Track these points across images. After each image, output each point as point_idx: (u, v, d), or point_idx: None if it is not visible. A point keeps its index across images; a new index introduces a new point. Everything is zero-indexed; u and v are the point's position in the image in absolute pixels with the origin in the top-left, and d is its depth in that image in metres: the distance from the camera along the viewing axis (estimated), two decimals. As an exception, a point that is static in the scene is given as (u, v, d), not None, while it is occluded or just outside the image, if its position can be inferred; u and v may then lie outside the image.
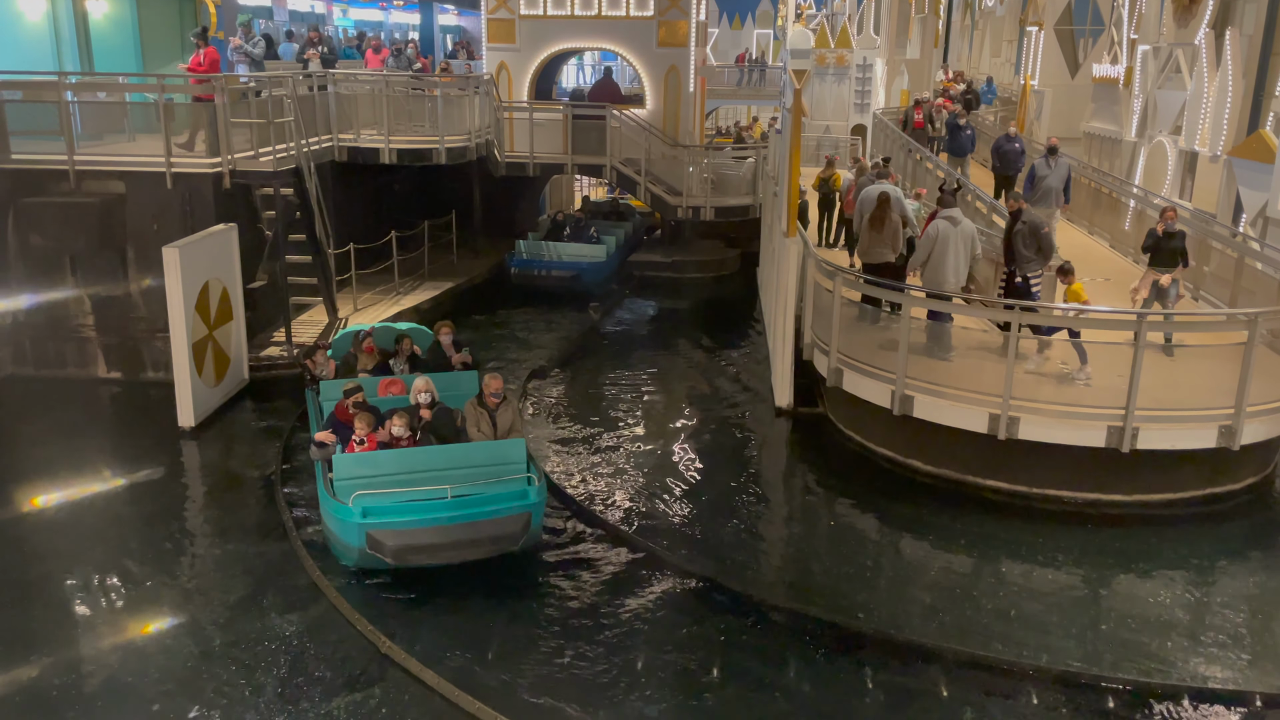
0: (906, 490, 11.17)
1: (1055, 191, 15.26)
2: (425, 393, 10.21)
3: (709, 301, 20.99)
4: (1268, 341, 11.05)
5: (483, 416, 10.00)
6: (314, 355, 12.19)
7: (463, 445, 9.80)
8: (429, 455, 9.58)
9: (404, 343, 12.00)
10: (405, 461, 9.47)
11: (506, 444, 9.87)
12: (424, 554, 9.03)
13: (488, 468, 9.60)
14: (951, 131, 20.28)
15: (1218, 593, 9.38)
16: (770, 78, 35.95)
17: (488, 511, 9.11)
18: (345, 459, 9.44)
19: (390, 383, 11.12)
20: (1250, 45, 18.11)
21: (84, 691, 7.76)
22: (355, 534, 8.91)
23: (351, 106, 18.50)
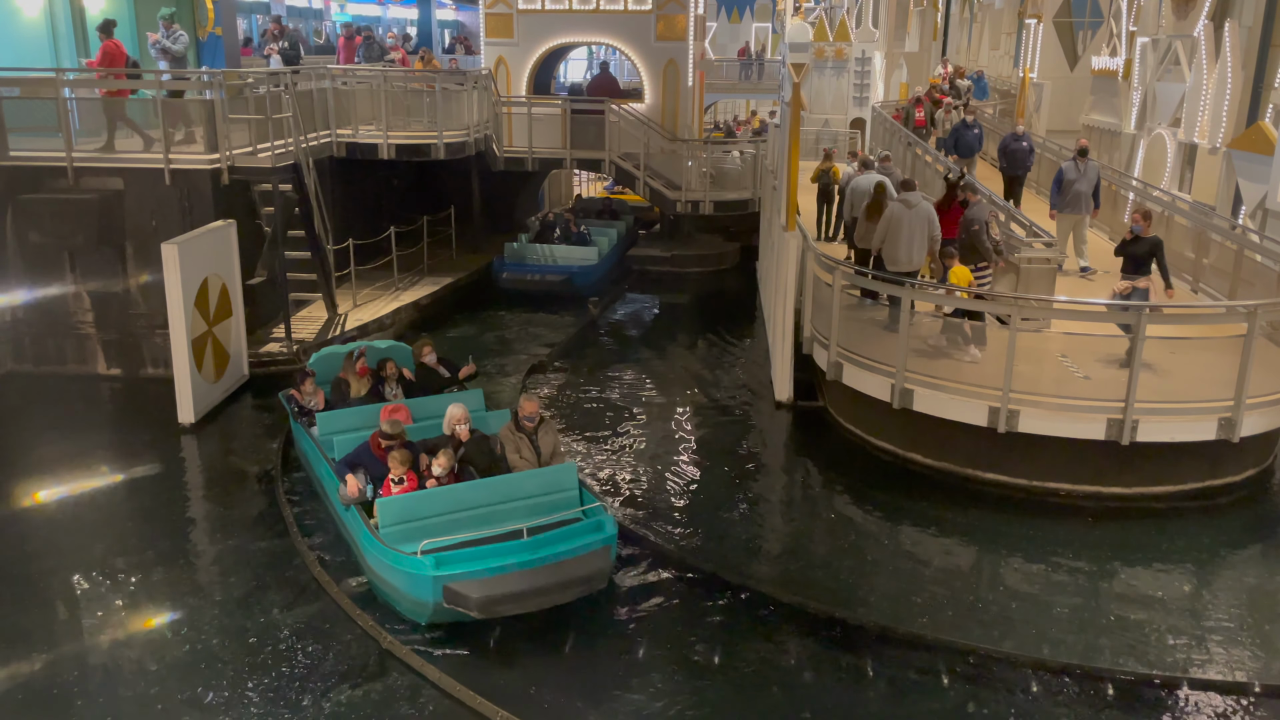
0: (906, 483, 11.18)
1: (1085, 197, 14.34)
2: (465, 423, 9.48)
3: (708, 295, 20.99)
4: (1267, 334, 11.04)
5: (522, 441, 9.38)
6: (303, 385, 11.38)
7: (512, 476, 9.12)
8: (479, 491, 8.91)
9: (389, 365, 11.37)
10: (455, 500, 8.80)
11: (558, 471, 9.29)
12: (511, 603, 8.09)
13: (541, 498, 9.03)
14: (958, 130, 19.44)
15: (1217, 585, 9.40)
16: (769, 71, 35.89)
17: (571, 550, 8.35)
18: (392, 504, 8.65)
19: (394, 409, 10.34)
20: (1249, 37, 18.08)
21: (84, 688, 7.76)
22: (429, 588, 8.02)
23: (350, 102, 18.48)
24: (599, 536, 8.59)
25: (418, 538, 8.37)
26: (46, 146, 14.32)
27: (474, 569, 8.08)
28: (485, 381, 14.57)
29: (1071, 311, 11.65)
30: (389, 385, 11.33)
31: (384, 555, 8.37)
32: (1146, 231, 11.37)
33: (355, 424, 10.52)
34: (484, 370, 15.17)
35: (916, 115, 22.42)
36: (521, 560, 8.18)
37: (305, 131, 15.84)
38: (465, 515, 8.73)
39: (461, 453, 9.28)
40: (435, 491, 8.87)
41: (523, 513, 8.79)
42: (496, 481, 9.04)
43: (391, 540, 8.39)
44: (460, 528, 8.58)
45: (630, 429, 13.16)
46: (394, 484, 8.96)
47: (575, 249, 20.67)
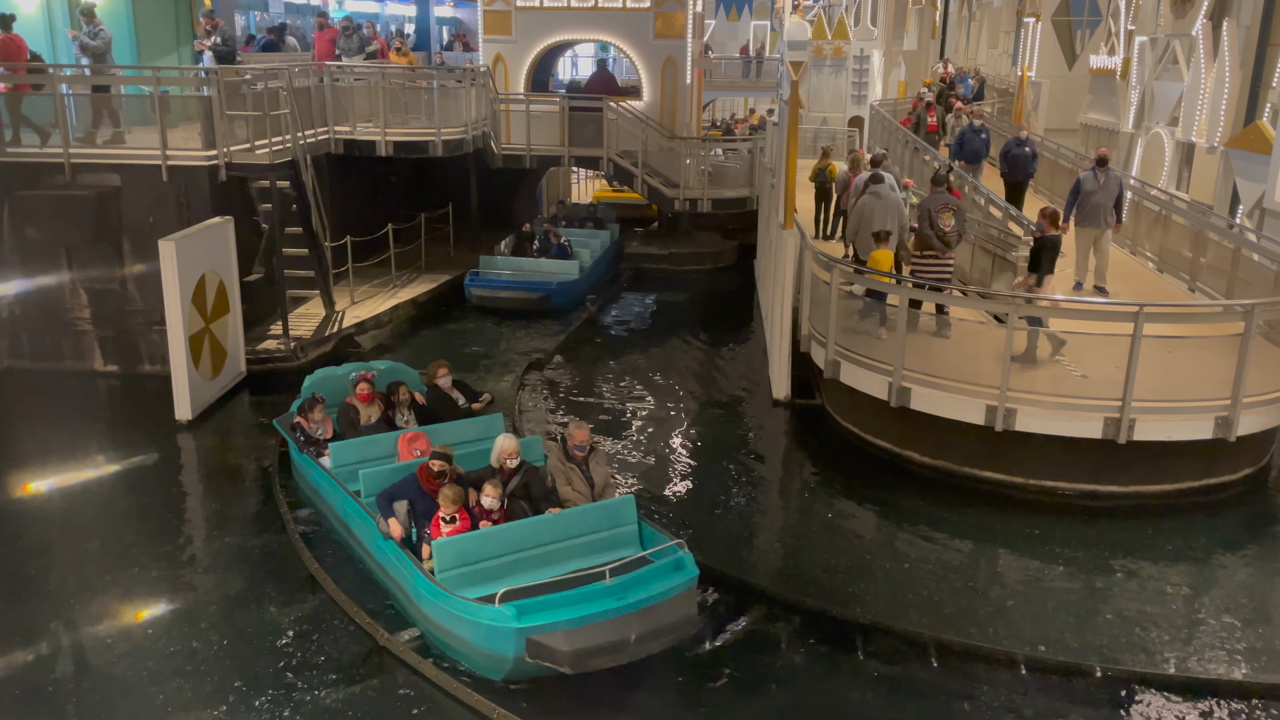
0: (903, 481, 11.19)
1: (1105, 209, 13.21)
2: (515, 456, 8.78)
3: (706, 293, 20.98)
4: (1264, 333, 11.05)
5: (574, 472, 8.81)
6: (311, 413, 10.49)
7: (571, 513, 8.50)
8: (537, 529, 8.29)
9: (401, 390, 10.66)
10: (514, 539, 8.18)
11: (617, 504, 8.70)
12: (603, 656, 7.28)
13: (600, 534, 8.47)
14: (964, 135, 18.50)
15: (1214, 583, 9.41)
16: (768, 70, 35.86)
17: (660, 594, 7.59)
18: (449, 546, 7.98)
19: (413, 438, 9.79)
20: (1247, 36, 18.11)
21: (81, 684, 7.76)
22: (510, 641, 7.26)
23: (348, 98, 18.46)
24: (683, 577, 7.82)
25: (476, 582, 7.85)
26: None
27: (560, 619, 7.25)
28: (485, 381, 14.57)
29: (1070, 310, 11.63)
30: (400, 411, 10.64)
31: (450, 605, 7.60)
32: (1048, 230, 11.51)
33: (371, 454, 9.91)
34: (483, 369, 15.19)
35: (929, 120, 21.46)
36: (609, 607, 7.36)
37: (303, 128, 15.83)
38: (524, 556, 8.13)
39: (512, 486, 8.64)
40: (493, 531, 8.21)
41: (582, 551, 8.29)
42: (555, 518, 8.42)
43: (449, 585, 7.72)
44: (520, 570, 8.03)
45: (628, 427, 13.16)
46: (444, 523, 8.24)
47: (554, 263, 19.03)
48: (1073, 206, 13.36)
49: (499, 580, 7.86)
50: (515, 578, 7.89)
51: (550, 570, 8.07)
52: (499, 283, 18.51)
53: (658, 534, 8.49)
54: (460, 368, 15.06)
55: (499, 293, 18.31)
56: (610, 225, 22.40)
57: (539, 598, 7.43)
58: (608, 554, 8.24)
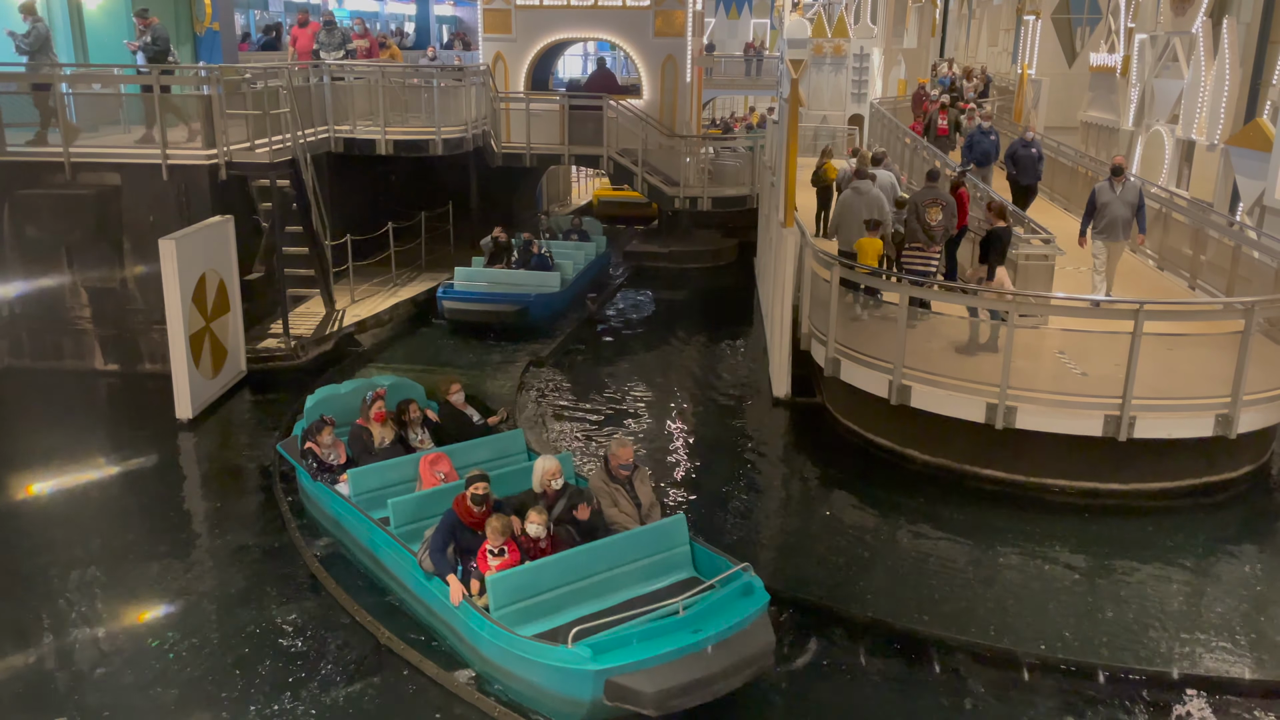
0: (904, 479, 11.19)
1: (1123, 222, 12.58)
2: (558, 478, 8.29)
3: (706, 291, 20.98)
4: (1264, 330, 11.06)
5: (619, 493, 8.40)
6: (320, 436, 9.73)
7: (623, 538, 8.05)
8: (591, 557, 7.82)
9: (412, 408, 10.13)
10: (570, 569, 7.71)
11: (669, 525, 8.27)
12: (687, 696, 6.83)
13: (654, 558, 8.08)
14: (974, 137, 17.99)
15: (1214, 581, 9.42)
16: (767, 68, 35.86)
17: (736, 624, 7.19)
18: (504, 581, 7.48)
19: (435, 459, 9.40)
20: (1248, 34, 18.10)
21: (82, 683, 7.77)
22: (588, 684, 6.81)
23: (348, 97, 18.45)
24: (757, 604, 7.42)
25: (534, 617, 7.47)
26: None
27: (639, 658, 6.82)
28: (485, 381, 14.57)
29: (1069, 308, 11.63)
30: (413, 430, 10.10)
31: (516, 646, 7.14)
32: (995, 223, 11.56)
33: (392, 479, 9.44)
34: (483, 369, 15.18)
35: (940, 123, 20.66)
36: (688, 642, 6.95)
37: (303, 127, 15.83)
38: (579, 586, 7.70)
39: (557, 511, 8.15)
40: (548, 563, 7.70)
41: (637, 577, 7.93)
42: (608, 544, 7.95)
43: (508, 624, 7.30)
44: (576, 601, 7.66)
45: (628, 425, 13.16)
46: (492, 556, 7.73)
47: (534, 274, 17.77)
48: (1089, 220, 12.79)
49: (556, 614, 7.53)
50: (572, 610, 7.57)
51: (605, 600, 7.71)
52: (472, 295, 17.21)
53: (711, 554, 8.14)
54: (461, 367, 15.13)
55: (472, 305, 17.02)
56: (597, 238, 21.23)
57: (612, 635, 6.97)
58: (661, 578, 7.99)
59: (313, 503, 10.06)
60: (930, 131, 20.58)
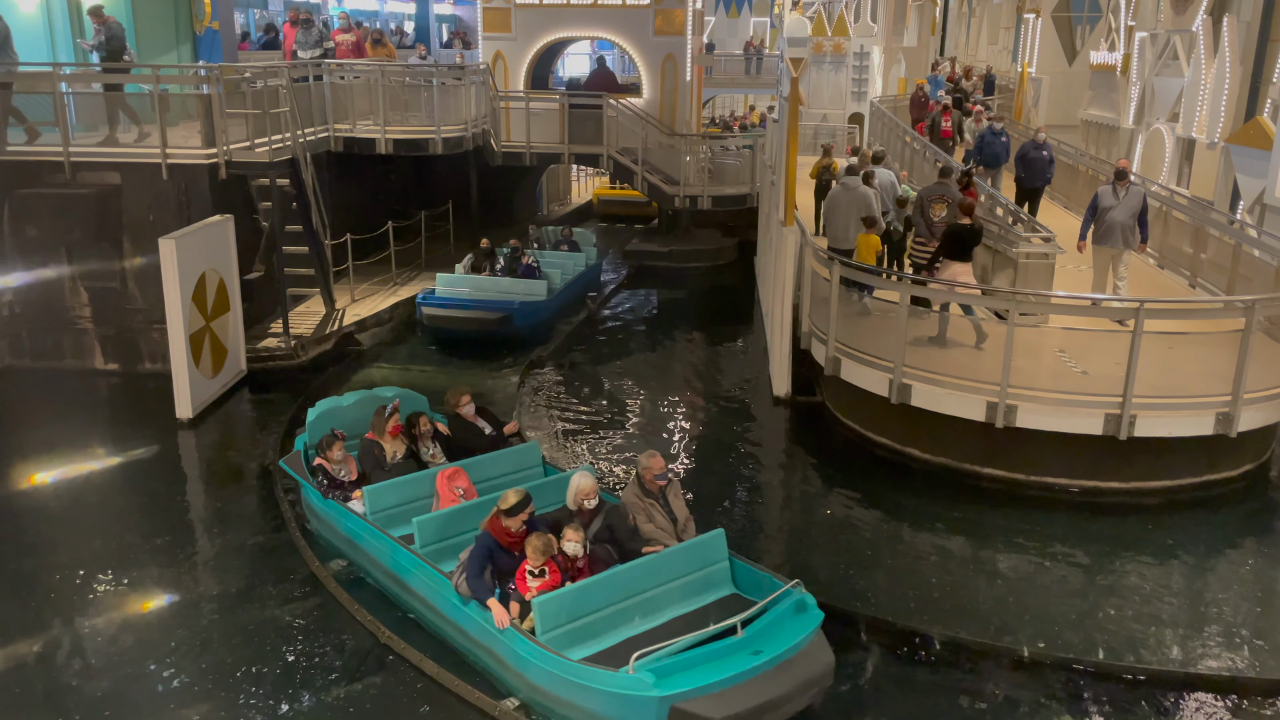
0: (904, 478, 11.19)
1: (1123, 228, 12.18)
2: (593, 496, 8.06)
3: (706, 290, 20.98)
4: (1265, 328, 11.05)
5: (654, 507, 8.19)
6: (330, 451, 9.37)
7: (665, 555, 7.81)
8: (634, 575, 7.58)
9: (422, 421, 9.81)
10: (614, 589, 7.47)
11: (709, 541, 8.03)
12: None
13: (694, 575, 7.85)
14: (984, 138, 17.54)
15: (1214, 580, 9.41)
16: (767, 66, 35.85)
17: (795, 644, 6.99)
18: (551, 604, 7.17)
19: (452, 475, 9.10)
20: (1248, 32, 18.09)
21: (82, 682, 7.77)
22: (650, 711, 6.54)
23: (348, 96, 18.45)
24: (813, 621, 7.22)
25: (581, 640, 7.24)
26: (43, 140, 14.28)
27: (705, 682, 6.56)
28: (485, 380, 14.56)
29: (1069, 306, 11.63)
30: (424, 444, 9.76)
31: (571, 673, 6.84)
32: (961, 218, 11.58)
33: (409, 496, 9.13)
34: (483, 366, 15.17)
35: (943, 125, 20.28)
36: (752, 665, 6.74)
37: (303, 126, 15.83)
38: (624, 606, 7.48)
39: (594, 529, 7.94)
40: (593, 583, 7.44)
41: (678, 595, 7.72)
42: (649, 562, 7.70)
43: (556, 647, 7.04)
44: (621, 623, 7.43)
45: (628, 424, 13.16)
46: (531, 577, 7.46)
47: (520, 282, 17.07)
48: (1089, 224, 12.51)
49: (603, 636, 7.33)
50: (617, 631, 7.38)
51: (649, 620, 7.51)
52: (454, 301, 16.42)
53: (752, 569, 7.97)
54: (459, 366, 15.12)
55: (454, 312, 16.24)
56: (588, 248, 20.43)
57: (672, 659, 6.72)
58: (702, 596, 7.82)
59: (324, 522, 9.55)
60: (934, 133, 20.24)
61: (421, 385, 14.11)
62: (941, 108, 20.76)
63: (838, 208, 13.14)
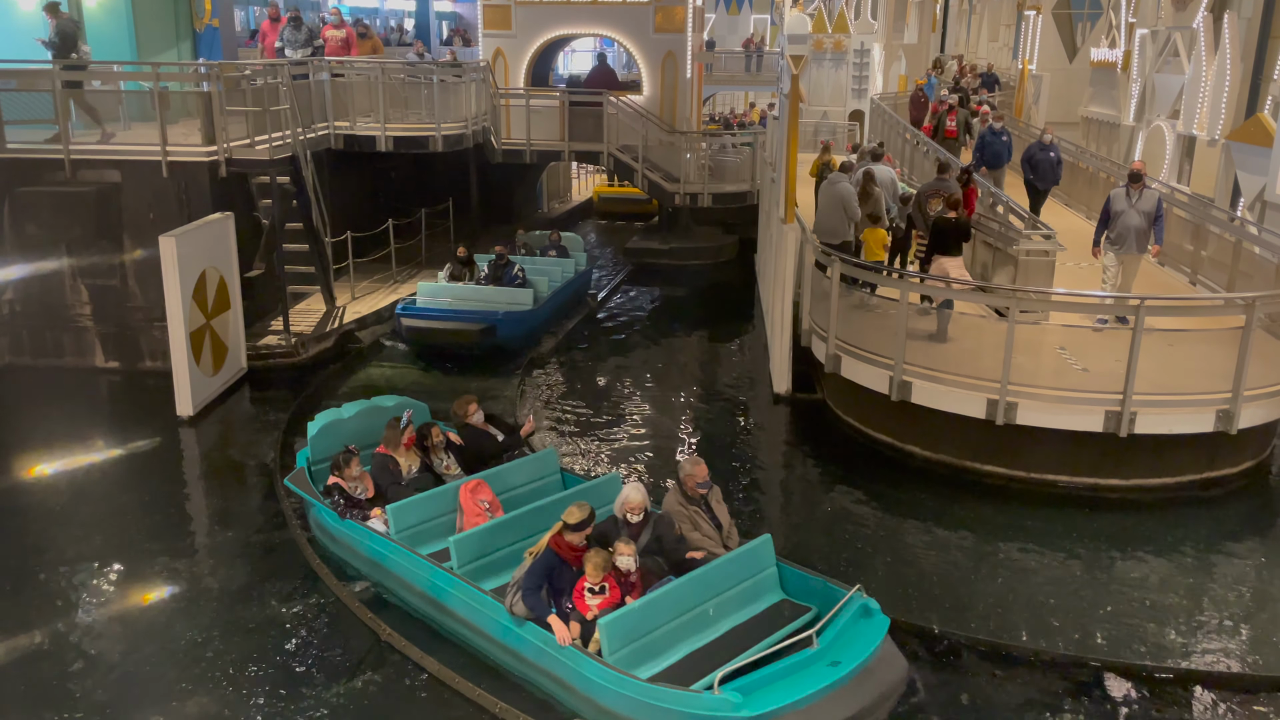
0: (904, 475, 11.19)
1: (1138, 232, 11.84)
2: (640, 511, 7.72)
3: (707, 288, 20.98)
4: (1265, 325, 11.05)
5: (698, 515, 8.02)
6: (348, 468, 8.97)
7: (718, 565, 7.55)
8: (692, 588, 7.33)
9: (434, 432, 9.50)
10: (674, 603, 7.21)
11: (758, 547, 7.82)
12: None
13: (745, 583, 7.64)
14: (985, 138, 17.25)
15: (1215, 577, 9.41)
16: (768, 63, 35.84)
17: (870, 651, 6.80)
18: (617, 623, 6.90)
19: (476, 487, 8.86)
20: (1249, 29, 18.07)
21: (84, 680, 7.77)
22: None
23: (348, 94, 18.43)
24: (882, 626, 7.03)
25: (647, 658, 6.98)
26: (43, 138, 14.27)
27: (791, 699, 6.31)
28: (485, 380, 14.54)
29: (1070, 304, 11.64)
30: (437, 456, 9.46)
31: (647, 694, 6.54)
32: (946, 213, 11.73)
33: (433, 512, 8.82)
34: (482, 365, 15.14)
35: (948, 125, 19.84)
36: (834, 677, 6.50)
37: (303, 124, 15.82)
38: (683, 621, 7.23)
39: (644, 541, 7.63)
40: (656, 599, 7.16)
41: (732, 606, 7.50)
42: (704, 574, 7.45)
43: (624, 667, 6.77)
44: (681, 638, 7.19)
45: (629, 421, 13.16)
46: (591, 594, 7.19)
47: (504, 290, 16.23)
48: (1104, 229, 12.13)
49: (666, 653, 7.08)
50: (679, 647, 7.14)
51: (706, 633, 7.30)
52: (434, 312, 15.60)
53: (801, 573, 7.80)
54: (459, 366, 15.09)
55: (434, 324, 15.42)
56: (577, 254, 19.61)
57: (750, 676, 6.50)
58: (754, 605, 7.63)
59: (342, 544, 9.04)
60: (939, 133, 19.85)
61: (424, 385, 14.19)
62: (947, 107, 20.44)
63: (821, 203, 13.45)
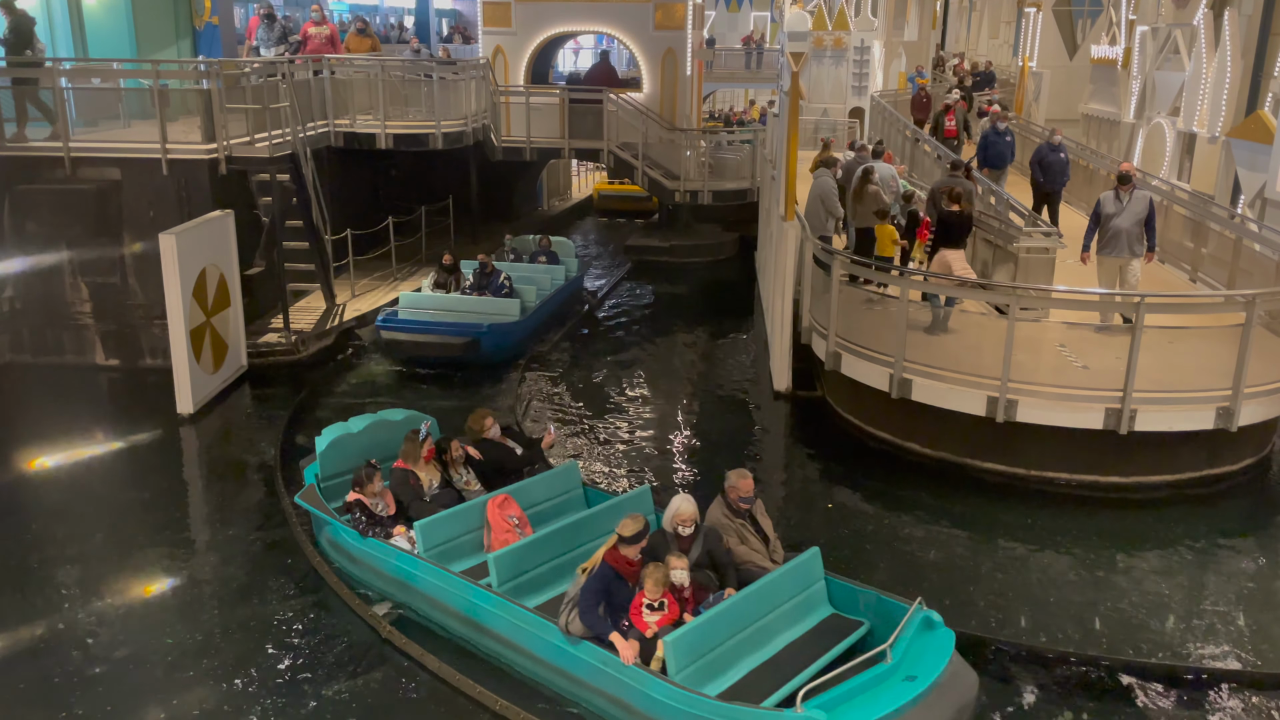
0: (904, 473, 11.20)
1: (1128, 235, 11.53)
2: (694, 521, 7.52)
3: (707, 285, 20.99)
4: (1265, 323, 11.05)
5: (745, 528, 7.85)
6: (370, 485, 8.71)
7: (771, 580, 7.39)
8: (751, 605, 7.20)
9: (453, 446, 9.28)
10: (736, 619, 7.08)
11: (807, 561, 7.68)
12: None
13: (798, 597, 7.53)
14: (988, 138, 16.90)
15: (1215, 574, 9.42)
16: (768, 61, 35.82)
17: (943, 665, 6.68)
18: (684, 640, 6.71)
19: (503, 502, 8.64)
20: (1249, 26, 18.05)
21: (85, 677, 7.77)
22: None
23: (348, 91, 18.43)
24: (949, 638, 6.94)
25: (711, 676, 6.81)
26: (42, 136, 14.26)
27: (876, 716, 6.19)
28: (484, 379, 14.53)
29: (1070, 301, 11.63)
30: (456, 470, 9.24)
31: (728, 715, 6.35)
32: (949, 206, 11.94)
33: (460, 529, 8.59)
34: (481, 368, 15.08)
35: (947, 124, 19.43)
36: (915, 693, 6.38)
37: (303, 121, 15.82)
38: (742, 638, 7.09)
39: (696, 555, 7.44)
40: (717, 615, 6.98)
41: (786, 621, 7.38)
42: (760, 589, 7.30)
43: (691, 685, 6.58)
44: (741, 655, 7.04)
45: (629, 419, 13.17)
46: (649, 611, 7.00)
47: (489, 301, 15.59)
48: (1093, 233, 11.81)
49: (729, 670, 6.94)
50: (741, 664, 7.01)
51: (764, 649, 7.16)
52: (416, 324, 14.88)
53: (849, 586, 7.70)
54: (457, 364, 15.03)
55: (415, 336, 14.70)
56: (568, 259, 18.86)
57: (830, 693, 6.34)
58: (806, 619, 7.51)
59: (363, 563, 8.69)
60: (938, 132, 19.65)
61: (424, 384, 14.18)
62: (944, 107, 20.19)
63: (808, 199, 13.85)
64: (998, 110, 19.22)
